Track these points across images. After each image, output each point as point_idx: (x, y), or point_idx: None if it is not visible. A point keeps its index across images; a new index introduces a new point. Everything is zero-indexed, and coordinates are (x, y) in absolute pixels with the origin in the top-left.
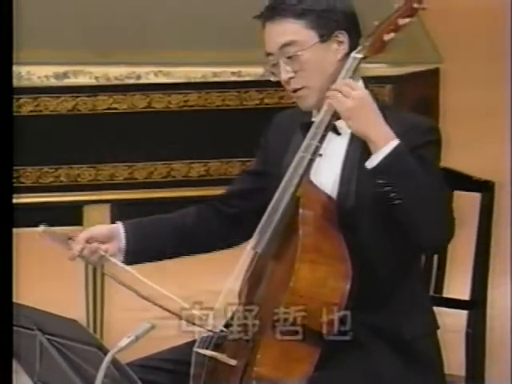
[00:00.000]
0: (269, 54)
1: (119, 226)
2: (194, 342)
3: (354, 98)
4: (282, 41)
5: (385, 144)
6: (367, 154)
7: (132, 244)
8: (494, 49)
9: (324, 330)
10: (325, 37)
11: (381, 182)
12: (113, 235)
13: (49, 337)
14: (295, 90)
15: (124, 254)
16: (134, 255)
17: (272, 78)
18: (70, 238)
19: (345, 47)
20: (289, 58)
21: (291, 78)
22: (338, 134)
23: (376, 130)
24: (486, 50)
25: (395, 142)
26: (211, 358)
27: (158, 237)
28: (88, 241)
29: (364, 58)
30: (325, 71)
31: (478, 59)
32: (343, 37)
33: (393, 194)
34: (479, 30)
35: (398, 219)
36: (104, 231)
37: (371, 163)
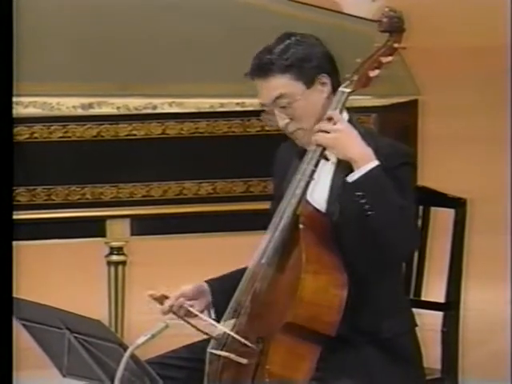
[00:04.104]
0: (263, 105)
1: (205, 285)
2: (208, 339)
3: (334, 131)
4: (274, 95)
5: (365, 163)
6: (349, 174)
7: (219, 300)
8: (466, 82)
9: (325, 331)
10: (309, 83)
11: (358, 194)
12: (200, 293)
13: (76, 335)
14: (292, 132)
15: (213, 309)
16: (221, 310)
17: (269, 123)
18: (166, 297)
19: (328, 87)
20: (282, 107)
21: (287, 123)
22: (327, 159)
23: (358, 152)
24: (461, 84)
25: (374, 163)
26: (224, 357)
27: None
28: (178, 298)
29: (351, 92)
30: (315, 112)
31: (452, 92)
32: (325, 78)
33: (366, 206)
34: (455, 66)
35: (371, 229)
36: (192, 289)
37: (351, 177)
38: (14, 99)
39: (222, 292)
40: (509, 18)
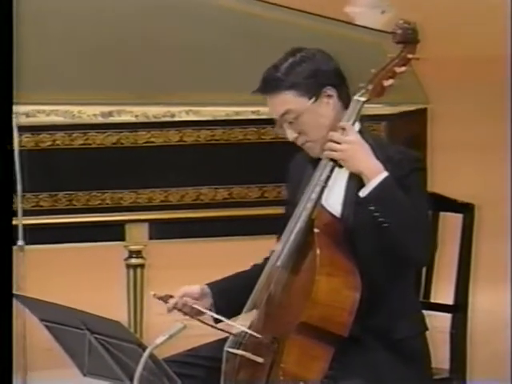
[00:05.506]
0: (274, 118)
1: (206, 287)
2: (225, 339)
3: (345, 143)
4: (280, 110)
5: (374, 177)
6: (362, 182)
7: (219, 302)
8: (474, 91)
9: (338, 332)
10: (314, 97)
11: (371, 208)
12: (203, 294)
13: (96, 335)
14: (302, 144)
15: (214, 310)
16: (222, 312)
17: (281, 135)
18: (171, 296)
19: (334, 98)
20: (290, 122)
21: (296, 137)
22: (341, 166)
23: (367, 166)
24: (468, 93)
25: (384, 175)
26: (241, 356)
27: (240, 292)
28: (182, 297)
29: (366, 101)
30: (322, 124)
31: (460, 101)
32: (330, 90)
33: (381, 219)
34: (462, 75)
35: (387, 239)
36: (196, 290)
37: (363, 192)
38: (36, 108)
39: (222, 295)
40: (509, 27)
